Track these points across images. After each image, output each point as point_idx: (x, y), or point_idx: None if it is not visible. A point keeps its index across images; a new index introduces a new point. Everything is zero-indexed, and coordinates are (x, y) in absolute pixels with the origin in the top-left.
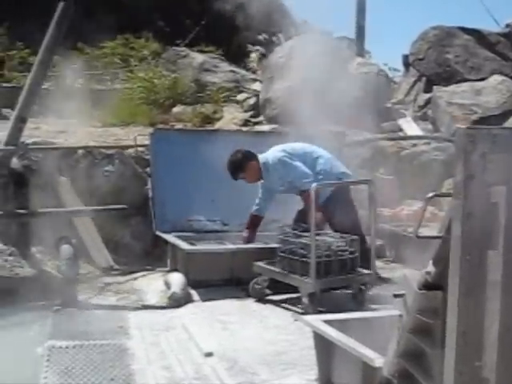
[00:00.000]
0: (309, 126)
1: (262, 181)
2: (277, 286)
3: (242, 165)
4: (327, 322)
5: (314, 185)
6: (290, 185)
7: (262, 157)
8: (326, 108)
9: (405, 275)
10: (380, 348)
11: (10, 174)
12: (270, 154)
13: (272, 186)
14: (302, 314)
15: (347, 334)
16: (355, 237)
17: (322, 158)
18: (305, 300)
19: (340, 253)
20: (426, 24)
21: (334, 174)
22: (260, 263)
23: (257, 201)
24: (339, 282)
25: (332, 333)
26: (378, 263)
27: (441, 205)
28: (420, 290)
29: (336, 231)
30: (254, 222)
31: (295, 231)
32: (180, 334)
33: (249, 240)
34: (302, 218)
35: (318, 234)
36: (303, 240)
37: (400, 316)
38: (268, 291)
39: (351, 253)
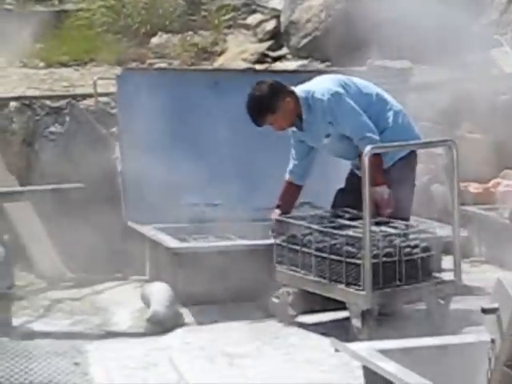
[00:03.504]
0: (355, 62)
1: (293, 129)
2: (307, 302)
3: (272, 103)
4: (385, 352)
5: (368, 147)
6: (340, 140)
7: (301, 89)
8: (382, 33)
9: (499, 281)
10: None
11: None
12: (318, 85)
13: (313, 136)
14: (348, 341)
15: (416, 371)
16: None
17: (390, 108)
18: (356, 322)
19: (408, 250)
20: None
21: (408, 135)
22: (285, 268)
23: (290, 161)
24: (407, 293)
25: (392, 369)
26: (463, 265)
27: None
28: None
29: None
30: (287, 193)
31: (337, 218)
32: (165, 375)
33: (277, 223)
34: (346, 201)
35: (373, 223)
36: (351, 232)
37: (492, 341)
38: (292, 311)
39: (424, 250)
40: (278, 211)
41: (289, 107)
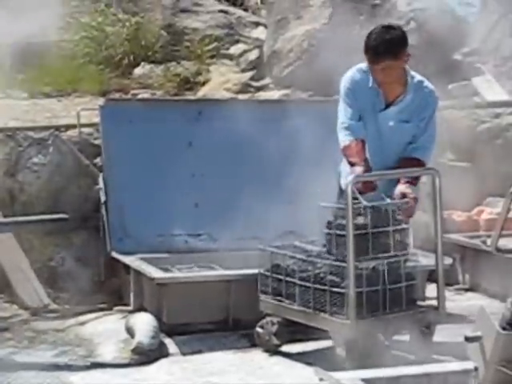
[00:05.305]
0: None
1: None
2: (291, 331)
3: (405, 47)
4: (369, 381)
5: (351, 177)
6: (408, 135)
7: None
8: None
9: (482, 309)
10: None
11: None
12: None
13: (390, 112)
14: (333, 370)
15: None
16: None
17: None
18: (340, 351)
19: (392, 279)
20: None
21: None
22: (269, 298)
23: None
24: (391, 322)
25: None
26: (447, 293)
27: None
28: (504, 329)
29: None
30: (361, 150)
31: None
32: None
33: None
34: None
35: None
36: (335, 261)
37: (475, 369)
38: (276, 340)
39: (408, 278)
40: (360, 168)
41: (406, 63)
